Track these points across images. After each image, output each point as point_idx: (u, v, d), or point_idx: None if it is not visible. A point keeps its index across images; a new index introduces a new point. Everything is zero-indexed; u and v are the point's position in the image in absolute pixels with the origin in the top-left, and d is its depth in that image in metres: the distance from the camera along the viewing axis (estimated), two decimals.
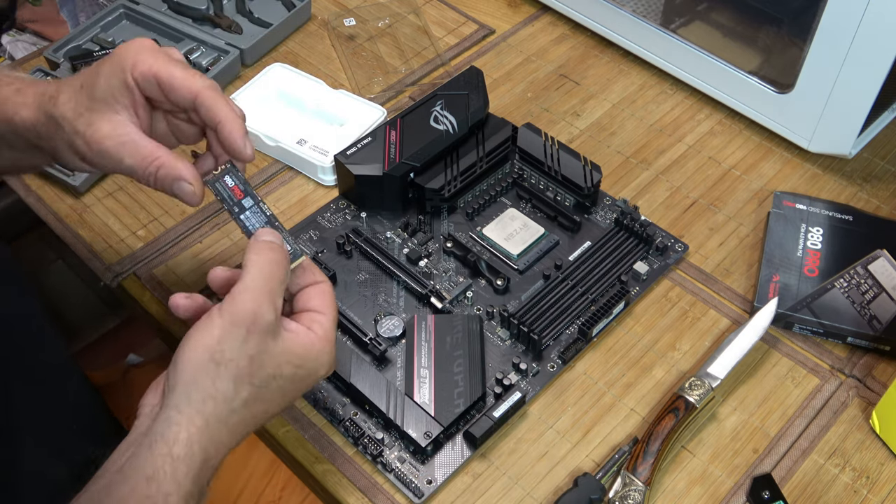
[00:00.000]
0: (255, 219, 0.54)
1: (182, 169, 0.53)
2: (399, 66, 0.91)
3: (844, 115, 0.75)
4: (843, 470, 0.62)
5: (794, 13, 0.80)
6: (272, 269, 0.49)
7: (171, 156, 0.53)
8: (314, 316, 0.51)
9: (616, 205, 0.77)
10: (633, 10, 0.88)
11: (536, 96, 0.88)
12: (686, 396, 0.62)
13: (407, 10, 0.97)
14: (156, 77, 0.53)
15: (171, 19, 0.91)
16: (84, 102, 0.53)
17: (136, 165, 0.53)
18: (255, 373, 0.48)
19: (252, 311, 0.47)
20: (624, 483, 0.59)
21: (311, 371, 0.51)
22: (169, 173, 0.53)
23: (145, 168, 0.53)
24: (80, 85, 0.54)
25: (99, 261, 0.74)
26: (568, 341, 0.67)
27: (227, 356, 0.47)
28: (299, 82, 0.85)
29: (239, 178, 0.55)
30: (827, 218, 0.75)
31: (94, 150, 0.53)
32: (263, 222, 0.54)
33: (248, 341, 0.47)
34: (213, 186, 0.55)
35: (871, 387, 0.66)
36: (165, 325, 0.70)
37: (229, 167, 0.55)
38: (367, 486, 0.60)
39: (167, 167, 0.53)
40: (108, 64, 0.53)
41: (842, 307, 0.68)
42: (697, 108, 0.87)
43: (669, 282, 0.73)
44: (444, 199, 0.74)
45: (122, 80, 0.53)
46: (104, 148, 0.53)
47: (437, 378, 0.63)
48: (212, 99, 0.53)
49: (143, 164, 0.53)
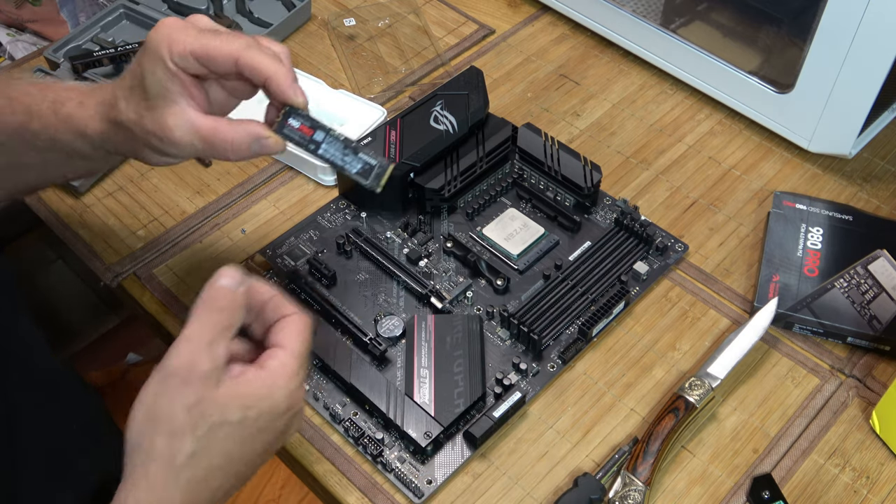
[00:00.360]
0: (332, 149, 0.55)
1: (251, 129, 0.53)
2: (399, 66, 0.91)
3: (844, 115, 0.75)
4: (843, 470, 0.62)
5: (794, 13, 0.80)
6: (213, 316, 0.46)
7: (233, 123, 0.53)
8: (273, 352, 0.48)
9: (616, 205, 0.77)
10: (633, 10, 0.88)
11: (536, 96, 0.88)
12: (686, 396, 0.62)
13: (407, 10, 0.97)
14: (192, 55, 0.52)
15: None
16: (141, 103, 0.53)
17: (207, 146, 0.53)
18: (197, 423, 0.44)
19: (188, 361, 0.45)
20: (624, 483, 0.59)
21: (267, 411, 0.46)
22: (240, 140, 0.53)
23: (215, 145, 0.53)
24: (130, 86, 0.54)
25: (99, 261, 0.74)
26: (568, 341, 0.67)
27: (162, 411, 0.44)
28: (299, 82, 0.85)
29: (302, 115, 0.55)
30: (827, 218, 0.75)
31: (169, 144, 0.54)
32: (341, 149, 0.55)
33: (183, 393, 0.44)
34: (281, 133, 0.55)
35: (871, 387, 0.66)
36: (165, 325, 0.70)
37: (289, 109, 0.55)
38: (366, 486, 0.60)
39: (236, 136, 0.53)
40: (146, 57, 0.53)
41: (842, 307, 0.68)
42: (697, 108, 0.87)
43: (669, 282, 0.73)
44: (444, 199, 0.74)
45: (165, 71, 0.52)
46: (175, 139, 0.53)
47: (437, 378, 0.63)
48: (251, 59, 0.52)
49: (212, 143, 0.53)
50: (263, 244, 0.74)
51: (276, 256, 0.72)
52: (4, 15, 1.30)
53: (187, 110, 0.53)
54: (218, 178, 0.80)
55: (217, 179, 0.80)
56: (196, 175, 0.80)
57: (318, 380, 0.65)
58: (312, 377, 0.65)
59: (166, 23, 0.53)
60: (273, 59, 0.53)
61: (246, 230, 0.76)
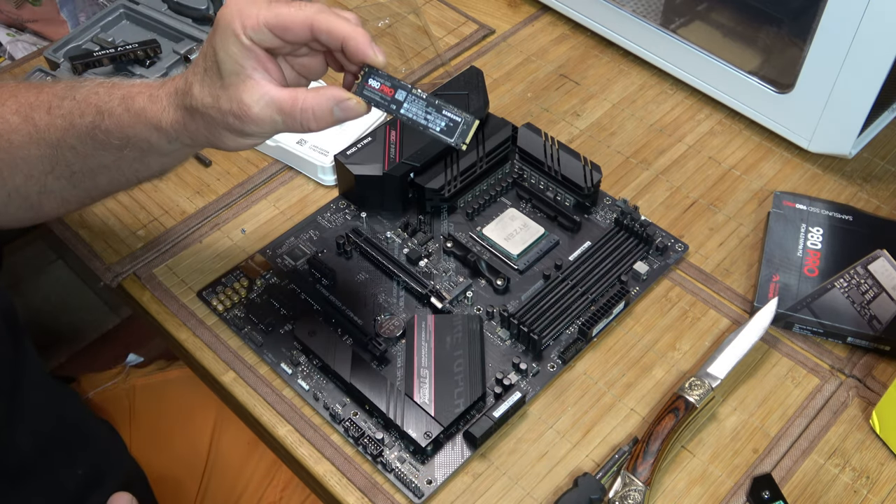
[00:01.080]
0: (414, 107, 0.54)
1: (332, 93, 0.53)
2: (399, 66, 0.91)
3: (844, 115, 0.75)
4: (843, 470, 0.62)
5: (794, 13, 0.80)
6: None
7: (312, 91, 0.53)
8: None
9: (616, 205, 0.77)
10: (633, 10, 0.88)
11: (536, 96, 0.88)
12: (686, 396, 0.62)
13: (407, 10, 0.97)
14: (266, 26, 0.52)
15: (171, 19, 0.91)
16: (216, 83, 0.53)
17: (288, 118, 0.53)
18: None
19: None
20: (624, 483, 0.59)
21: None
22: (321, 107, 0.53)
23: (297, 117, 0.53)
24: (203, 69, 0.54)
25: (99, 261, 0.74)
26: (568, 341, 0.67)
27: None
28: None
29: (381, 76, 0.54)
30: (827, 218, 0.75)
31: (248, 122, 0.53)
32: (423, 108, 0.54)
33: None
34: (362, 95, 0.54)
35: (871, 387, 0.66)
36: (165, 325, 0.70)
37: (368, 70, 0.54)
38: (367, 486, 0.60)
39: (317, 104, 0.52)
40: (219, 36, 0.52)
41: (842, 307, 0.68)
42: (697, 108, 0.87)
43: (669, 282, 0.73)
44: (444, 199, 0.74)
45: (239, 46, 0.52)
46: (253, 115, 0.53)
47: (437, 378, 0.63)
48: (327, 22, 0.52)
49: (292, 114, 0.53)
50: (263, 244, 0.74)
51: (276, 256, 0.72)
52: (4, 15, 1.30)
53: (264, 84, 0.53)
54: (218, 178, 0.80)
55: (217, 179, 0.80)
56: (196, 175, 0.80)
57: (318, 380, 0.65)
58: (312, 377, 0.65)
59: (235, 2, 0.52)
60: (347, 21, 0.52)
61: (246, 230, 0.76)
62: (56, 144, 0.59)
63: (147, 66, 0.86)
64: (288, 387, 0.65)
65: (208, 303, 0.69)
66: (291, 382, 0.65)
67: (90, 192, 0.64)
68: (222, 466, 0.82)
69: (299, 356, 0.66)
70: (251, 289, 0.70)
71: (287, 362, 0.66)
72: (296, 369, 0.66)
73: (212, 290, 0.70)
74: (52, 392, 0.66)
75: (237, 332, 0.68)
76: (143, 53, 0.86)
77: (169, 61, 0.87)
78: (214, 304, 0.69)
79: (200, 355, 0.67)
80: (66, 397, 0.72)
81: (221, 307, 0.69)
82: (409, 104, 0.54)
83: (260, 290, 0.70)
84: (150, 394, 0.88)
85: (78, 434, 0.68)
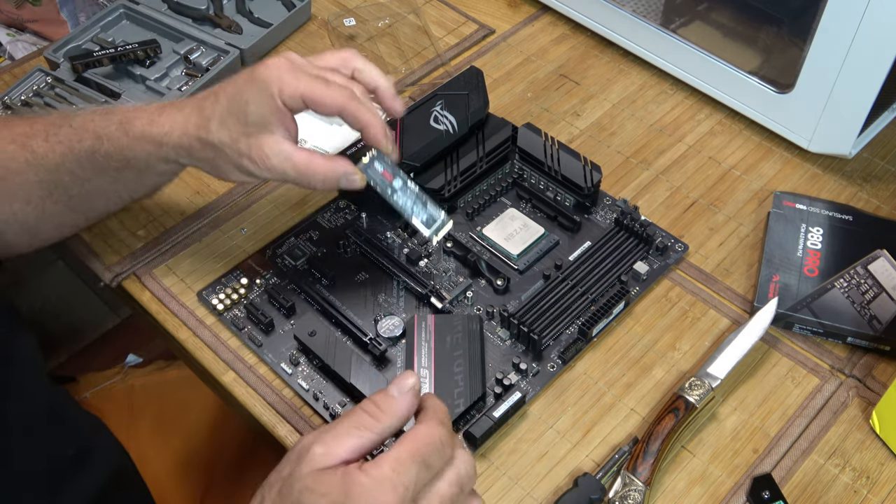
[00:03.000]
0: (405, 196, 0.62)
1: (341, 166, 0.60)
2: (399, 66, 0.91)
3: (844, 115, 0.75)
4: (843, 470, 0.62)
5: (794, 13, 0.80)
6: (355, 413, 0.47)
7: (325, 158, 0.60)
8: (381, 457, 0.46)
9: (616, 205, 0.77)
10: (633, 10, 0.88)
11: (536, 96, 0.88)
12: (686, 396, 0.62)
13: (407, 10, 0.97)
14: (302, 97, 0.58)
15: (171, 19, 0.91)
16: (238, 128, 0.58)
17: (300, 176, 0.59)
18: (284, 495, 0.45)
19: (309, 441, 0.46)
20: (624, 483, 0.59)
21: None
22: (331, 174, 0.60)
23: (309, 177, 0.59)
24: (226, 110, 0.59)
25: (99, 261, 0.74)
26: (568, 341, 0.67)
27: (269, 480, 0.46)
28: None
29: (386, 161, 0.62)
30: (827, 218, 0.75)
31: (262, 168, 0.59)
32: (413, 198, 0.62)
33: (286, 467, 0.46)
34: (366, 173, 0.61)
35: (871, 387, 0.66)
36: (165, 325, 0.70)
37: (376, 154, 0.62)
38: None
39: (328, 170, 0.59)
40: (255, 90, 0.58)
41: (842, 307, 0.68)
42: (697, 108, 0.87)
43: (669, 282, 0.73)
44: (444, 199, 0.74)
45: (271, 106, 0.58)
46: (269, 165, 0.59)
47: (437, 378, 0.63)
48: (355, 109, 0.58)
49: (306, 174, 0.59)
50: (263, 244, 0.74)
51: (276, 256, 0.72)
52: (4, 15, 1.30)
53: (283, 142, 0.59)
54: (218, 178, 0.80)
55: (217, 179, 0.80)
56: (196, 175, 0.80)
57: (318, 380, 0.65)
58: (312, 377, 0.65)
59: (278, 63, 0.59)
60: (371, 113, 0.59)
61: (246, 230, 0.76)
62: (55, 169, 0.61)
63: (147, 66, 0.86)
64: (288, 387, 0.65)
65: (208, 303, 0.69)
66: (291, 382, 0.65)
67: (87, 215, 0.67)
68: (222, 466, 0.82)
69: (299, 356, 0.66)
70: (251, 289, 0.70)
71: (287, 362, 0.66)
72: (296, 369, 0.66)
73: (212, 290, 0.70)
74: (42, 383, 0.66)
75: (237, 332, 0.68)
76: (143, 53, 0.86)
77: (169, 61, 0.87)
78: (214, 304, 0.69)
79: (200, 355, 0.67)
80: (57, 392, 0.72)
81: (221, 307, 0.69)
82: (401, 192, 0.62)
83: (260, 290, 0.70)
84: (149, 393, 0.88)
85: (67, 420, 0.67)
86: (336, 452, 0.45)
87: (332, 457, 0.45)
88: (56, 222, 0.66)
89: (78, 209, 0.65)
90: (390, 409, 0.47)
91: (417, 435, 0.46)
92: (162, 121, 0.60)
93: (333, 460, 0.45)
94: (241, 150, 0.59)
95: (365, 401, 0.48)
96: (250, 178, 0.61)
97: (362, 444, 0.45)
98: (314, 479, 0.44)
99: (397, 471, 0.44)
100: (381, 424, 0.46)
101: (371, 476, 0.43)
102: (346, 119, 0.59)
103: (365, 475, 0.44)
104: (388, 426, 0.46)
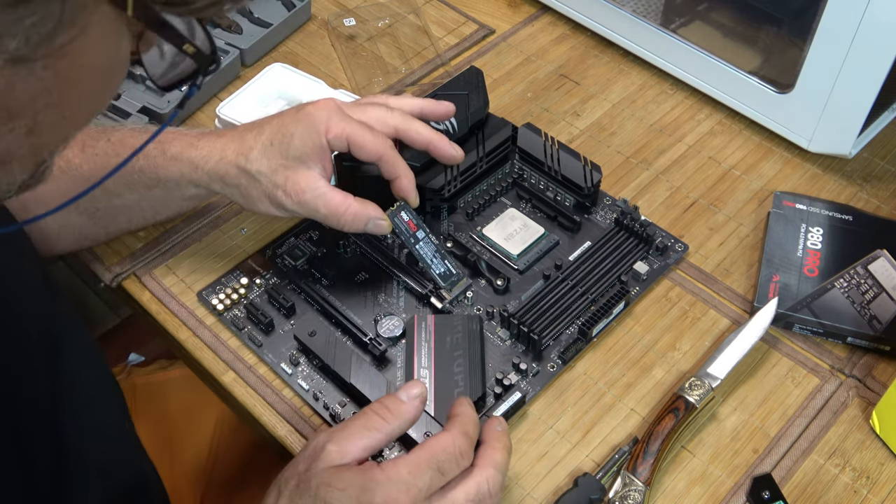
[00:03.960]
0: (426, 247, 0.66)
1: (371, 211, 0.62)
2: (399, 66, 0.91)
3: (844, 115, 0.75)
4: (843, 470, 0.62)
5: (794, 13, 0.80)
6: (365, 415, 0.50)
7: (357, 201, 0.62)
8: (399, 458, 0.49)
9: (616, 205, 0.77)
10: (633, 10, 0.88)
11: (536, 96, 0.88)
12: (686, 396, 0.62)
13: (407, 10, 0.97)
14: (348, 140, 0.61)
15: None
16: (277, 160, 0.60)
17: (331, 214, 0.61)
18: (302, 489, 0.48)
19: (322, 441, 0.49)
20: (624, 483, 0.59)
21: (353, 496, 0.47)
22: (361, 217, 0.62)
23: (340, 216, 0.61)
24: (269, 141, 0.61)
25: (99, 261, 0.74)
26: (568, 341, 0.67)
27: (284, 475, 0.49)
28: (299, 82, 0.85)
29: (412, 213, 0.66)
30: (827, 218, 0.75)
31: (295, 202, 0.61)
32: (433, 250, 0.67)
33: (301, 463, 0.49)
34: (392, 220, 0.65)
35: (871, 387, 0.66)
36: (165, 325, 0.70)
37: (403, 204, 0.65)
38: None
39: (358, 213, 0.62)
40: (303, 127, 0.60)
41: (842, 307, 0.68)
42: (697, 108, 0.87)
43: (669, 282, 0.73)
44: (444, 199, 0.74)
45: (316, 143, 0.60)
46: (304, 199, 0.61)
47: (437, 378, 0.63)
48: (393, 158, 0.62)
49: (337, 213, 0.61)
50: (263, 244, 0.74)
51: (276, 256, 0.72)
52: None
53: (320, 179, 0.61)
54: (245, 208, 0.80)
55: None
56: None
57: (318, 380, 0.65)
58: (312, 377, 0.65)
59: (328, 105, 0.62)
60: (405, 166, 0.63)
61: (246, 230, 0.76)
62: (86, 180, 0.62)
63: None
64: (288, 387, 0.65)
65: (208, 303, 0.69)
66: (291, 382, 0.65)
67: (107, 230, 0.69)
68: (223, 465, 0.82)
69: (299, 356, 0.66)
70: (251, 289, 0.70)
71: (287, 362, 0.66)
72: (296, 369, 0.66)
73: (212, 290, 0.70)
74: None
75: (237, 332, 0.68)
76: None
77: None
78: (214, 304, 0.69)
79: (200, 355, 0.67)
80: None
81: (221, 307, 0.69)
82: (423, 243, 0.66)
83: (260, 290, 0.70)
84: (151, 393, 0.88)
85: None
86: (349, 451, 0.48)
87: (346, 455, 0.48)
88: (77, 234, 0.67)
89: (100, 223, 0.67)
90: (398, 412, 0.50)
91: (438, 441, 0.49)
92: (201, 145, 0.62)
93: (347, 458, 0.48)
94: (278, 181, 0.60)
95: (374, 403, 0.51)
96: (278, 210, 0.62)
97: (372, 444, 0.49)
98: (332, 475, 0.47)
99: (413, 473, 0.47)
100: (389, 426, 0.49)
101: (388, 475, 0.47)
102: (383, 167, 0.63)
103: (382, 473, 0.47)
104: (395, 427, 0.50)
